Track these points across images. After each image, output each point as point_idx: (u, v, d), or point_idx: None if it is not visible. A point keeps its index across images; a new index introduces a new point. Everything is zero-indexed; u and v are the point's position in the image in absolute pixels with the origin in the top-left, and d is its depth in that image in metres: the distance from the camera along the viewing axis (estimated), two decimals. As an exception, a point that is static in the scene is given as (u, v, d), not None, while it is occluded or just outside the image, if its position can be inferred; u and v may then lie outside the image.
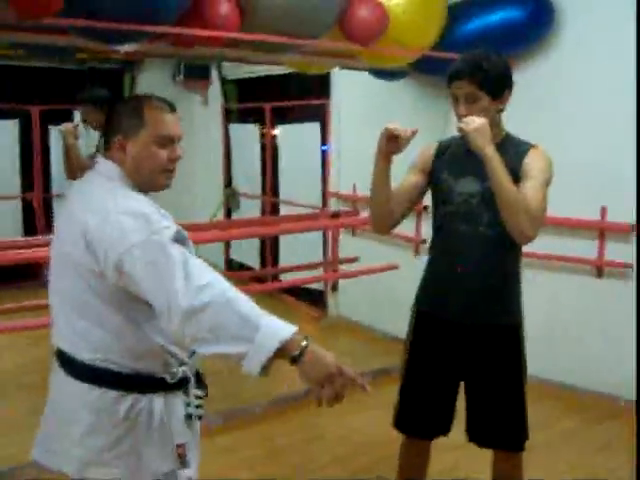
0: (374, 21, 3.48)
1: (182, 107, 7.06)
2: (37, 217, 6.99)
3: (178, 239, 1.72)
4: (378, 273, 4.83)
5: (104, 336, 1.78)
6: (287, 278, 6.22)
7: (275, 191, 6.86)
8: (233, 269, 7.38)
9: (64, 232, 1.82)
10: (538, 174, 2.34)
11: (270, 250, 6.92)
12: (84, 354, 1.80)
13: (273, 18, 3.22)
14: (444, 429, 2.65)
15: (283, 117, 6.77)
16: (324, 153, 6.12)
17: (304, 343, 1.61)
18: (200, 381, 2.01)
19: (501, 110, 2.44)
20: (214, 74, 7.36)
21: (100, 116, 4.59)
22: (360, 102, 5.58)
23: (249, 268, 7.17)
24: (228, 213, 7.45)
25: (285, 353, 1.59)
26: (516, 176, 2.33)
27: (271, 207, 6.92)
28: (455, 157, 2.54)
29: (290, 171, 6.67)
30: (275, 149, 6.81)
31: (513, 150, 2.42)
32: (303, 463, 3.54)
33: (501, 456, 2.63)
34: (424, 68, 4.26)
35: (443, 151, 2.58)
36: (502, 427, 2.57)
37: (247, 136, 7.12)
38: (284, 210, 6.63)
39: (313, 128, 6.20)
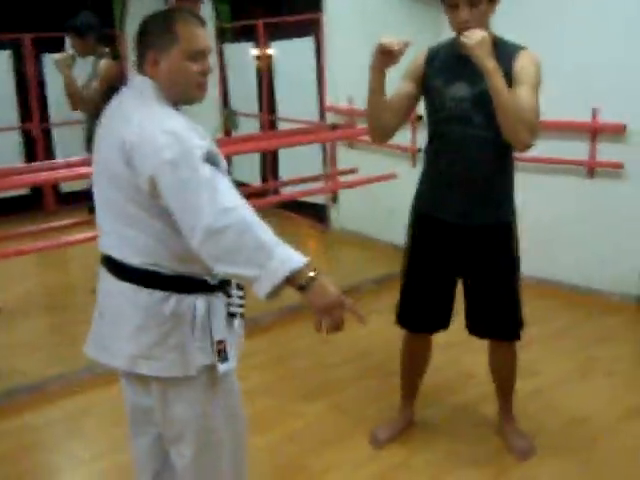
0: None
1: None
2: (37, 147, 7.06)
3: (209, 157, 1.79)
4: (377, 184, 4.93)
5: (149, 242, 1.88)
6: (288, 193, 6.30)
7: (272, 108, 6.88)
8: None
9: (104, 148, 1.90)
10: (530, 79, 2.40)
11: (270, 167, 7.00)
12: (132, 259, 1.91)
13: None
14: (443, 323, 2.83)
15: (277, 34, 6.72)
16: (319, 68, 6.11)
17: (312, 274, 1.72)
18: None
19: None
20: (205, -8, 7.28)
21: (86, 43, 4.59)
22: (353, 15, 5.57)
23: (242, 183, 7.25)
24: (227, 133, 7.50)
25: (294, 282, 1.71)
26: (507, 79, 2.39)
27: (269, 125, 6.95)
28: (445, 63, 2.60)
29: (286, 87, 6.68)
30: (270, 66, 6.80)
31: (504, 53, 2.46)
32: (312, 365, 3.75)
33: (497, 345, 2.84)
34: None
35: (433, 58, 2.64)
36: (497, 318, 2.75)
37: (241, 55, 7.10)
38: (282, 127, 6.67)
39: (307, 43, 6.18)
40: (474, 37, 2.35)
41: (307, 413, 3.27)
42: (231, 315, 2.04)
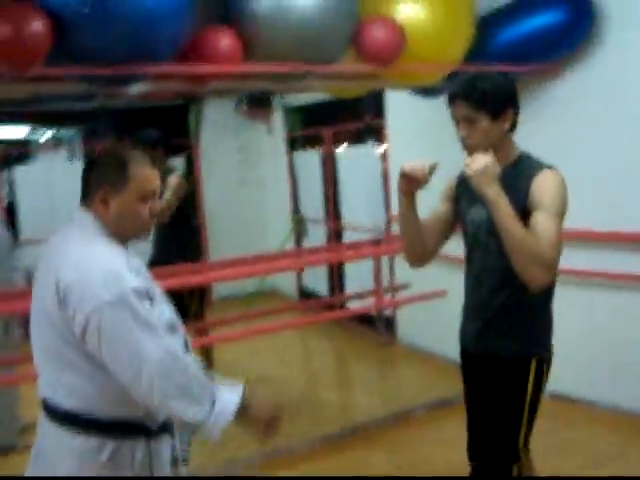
0: (389, 40, 3.34)
1: (248, 137, 7.21)
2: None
3: (146, 294, 1.81)
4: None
5: (83, 385, 1.81)
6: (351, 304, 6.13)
7: (337, 215, 6.76)
8: (305, 296, 7.34)
9: (41, 285, 1.86)
10: (549, 204, 2.16)
11: (336, 276, 6.83)
12: (65, 402, 1.84)
13: (279, 48, 3.13)
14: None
15: (343, 141, 6.68)
16: (384, 176, 5.97)
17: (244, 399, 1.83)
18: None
19: (510, 130, 2.29)
20: (277, 102, 7.36)
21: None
22: (411, 120, 5.41)
23: (318, 295, 7.10)
24: (297, 239, 7.41)
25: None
26: (524, 206, 2.18)
27: (335, 233, 6.83)
28: (469, 184, 2.36)
29: (352, 194, 6.56)
30: (334, 174, 6.72)
31: (523, 174, 2.25)
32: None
33: None
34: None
35: (463, 178, 2.45)
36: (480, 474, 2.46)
37: (310, 162, 7.07)
38: (348, 235, 6.52)
39: (371, 149, 6.07)
40: (473, 164, 2.15)
41: None
42: (174, 459, 1.94)
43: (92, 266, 1.76)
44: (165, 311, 1.94)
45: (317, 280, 7.08)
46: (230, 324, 6.45)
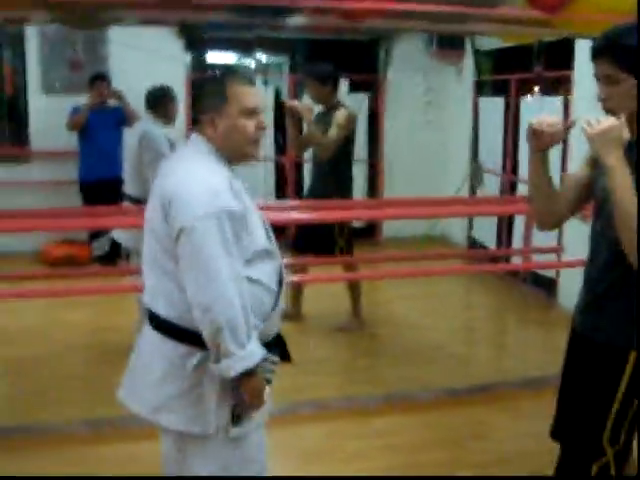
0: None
1: (436, 79, 7.11)
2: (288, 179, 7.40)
3: (240, 219, 1.91)
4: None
5: (180, 296, 1.94)
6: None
7: (514, 168, 6.47)
8: (473, 246, 7.18)
9: (152, 200, 2.02)
10: None
11: (506, 230, 6.59)
12: (163, 310, 1.99)
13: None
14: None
15: (530, 90, 6.32)
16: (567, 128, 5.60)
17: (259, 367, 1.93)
18: (278, 347, 2.13)
19: None
20: (468, 45, 7.11)
21: (323, 91, 4.71)
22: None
23: (485, 247, 6.91)
24: (472, 189, 7.21)
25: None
26: None
27: (509, 185, 6.56)
28: None
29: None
30: (517, 125, 6.40)
31: None
32: (449, 460, 3.34)
33: None
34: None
35: None
36: (563, 460, 2.27)
37: (494, 109, 6.78)
38: (523, 188, 6.24)
39: (555, 102, 5.70)
40: (597, 126, 1.95)
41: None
42: (265, 381, 2.00)
43: (194, 181, 1.91)
44: (261, 236, 2.03)
45: (487, 231, 6.87)
46: (383, 262, 6.56)
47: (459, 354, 4.64)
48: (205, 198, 1.86)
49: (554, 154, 2.48)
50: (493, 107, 6.77)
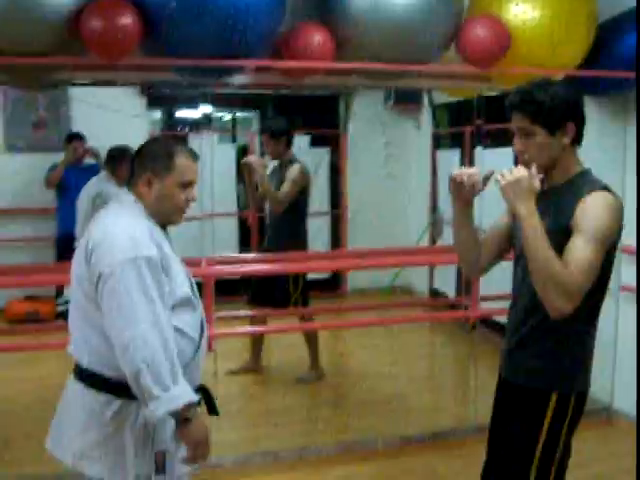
0: (490, 41, 3.23)
1: (395, 132, 7.16)
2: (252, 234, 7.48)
3: (159, 267, 1.98)
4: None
5: (99, 343, 1.99)
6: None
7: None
8: (435, 296, 7.26)
9: (78, 251, 2.08)
10: (587, 228, 2.00)
11: (464, 278, 6.68)
12: (83, 358, 2.04)
13: (373, 46, 3.15)
14: None
15: (487, 141, 6.47)
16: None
17: (192, 412, 1.96)
18: (202, 395, 2.14)
19: (573, 144, 2.14)
20: (425, 99, 7.31)
21: (277, 146, 4.82)
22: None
23: (446, 296, 7.00)
24: (432, 239, 7.32)
25: (184, 413, 1.93)
26: (568, 226, 2.05)
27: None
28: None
29: (490, 199, 6.37)
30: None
31: (573, 194, 2.09)
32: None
33: None
34: (587, 89, 3.85)
35: None
36: None
37: (451, 161, 6.94)
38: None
39: (507, 152, 5.84)
40: (509, 176, 2.03)
41: None
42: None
43: (118, 230, 1.99)
44: (183, 285, 2.09)
45: (447, 281, 6.96)
46: (345, 313, 6.61)
47: (416, 403, 4.67)
48: (125, 245, 1.94)
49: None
50: (450, 159, 6.94)
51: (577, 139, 2.15)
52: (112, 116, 6.42)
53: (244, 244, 7.54)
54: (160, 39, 2.88)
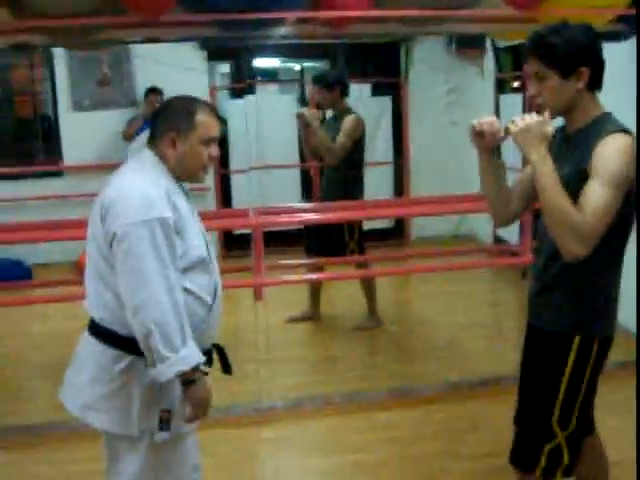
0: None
1: (458, 78, 7.09)
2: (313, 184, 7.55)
3: (172, 228, 1.98)
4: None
5: (112, 299, 2.03)
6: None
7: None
8: (498, 243, 7.19)
9: (94, 208, 2.11)
10: (602, 172, 1.99)
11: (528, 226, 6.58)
12: (95, 313, 2.09)
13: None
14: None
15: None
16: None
17: (198, 374, 2.00)
18: (211, 359, 2.19)
19: (589, 89, 2.12)
20: (488, 43, 7.13)
21: (330, 97, 4.84)
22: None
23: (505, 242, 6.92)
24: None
25: (189, 374, 1.97)
26: (585, 170, 2.04)
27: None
28: (554, 144, 2.25)
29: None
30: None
31: (593, 138, 2.08)
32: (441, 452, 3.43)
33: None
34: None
35: (554, 137, 2.28)
36: (516, 442, 2.36)
37: (515, 106, 6.79)
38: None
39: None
40: (520, 123, 2.04)
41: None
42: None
43: (132, 189, 2.00)
44: (198, 247, 2.10)
45: (510, 228, 6.86)
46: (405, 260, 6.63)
47: (468, 350, 4.70)
48: (140, 206, 1.95)
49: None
50: (513, 103, 6.79)
51: (594, 83, 2.13)
52: (173, 71, 6.56)
53: (306, 195, 7.61)
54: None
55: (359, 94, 7.51)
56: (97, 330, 2.07)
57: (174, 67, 6.56)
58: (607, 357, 2.24)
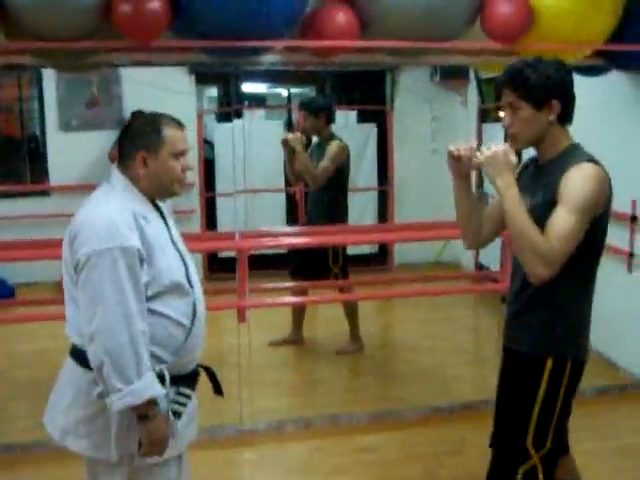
0: (516, 17, 3.24)
1: (441, 107, 7.16)
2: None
3: (136, 256, 1.96)
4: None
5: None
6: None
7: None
8: (480, 270, 7.28)
9: (66, 232, 2.10)
10: (569, 198, 2.10)
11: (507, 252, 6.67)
12: (74, 337, 2.09)
13: (397, 24, 3.20)
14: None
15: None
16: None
17: (154, 410, 1.96)
18: (195, 381, 2.20)
19: (560, 121, 2.23)
20: (471, 74, 7.27)
21: (316, 123, 4.92)
22: (585, 101, 5.10)
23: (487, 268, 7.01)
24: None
25: (144, 408, 1.93)
26: (554, 202, 2.14)
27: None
28: (526, 175, 2.40)
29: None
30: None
31: (561, 167, 2.19)
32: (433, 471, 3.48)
33: None
34: (622, 64, 3.83)
35: (527, 166, 2.44)
36: (493, 465, 2.41)
37: (496, 134, 6.91)
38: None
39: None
40: (486, 152, 2.15)
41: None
42: (174, 414, 2.04)
43: (98, 216, 1.98)
44: (172, 271, 2.07)
45: (492, 255, 6.94)
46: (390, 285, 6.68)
47: (449, 374, 4.75)
48: (104, 234, 1.93)
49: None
50: (495, 132, 6.91)
51: (564, 116, 2.23)
52: (162, 94, 6.61)
53: (291, 220, 7.67)
54: (189, 20, 2.99)
55: (345, 121, 7.64)
56: (76, 354, 2.07)
57: (162, 90, 6.63)
58: (580, 380, 2.31)
